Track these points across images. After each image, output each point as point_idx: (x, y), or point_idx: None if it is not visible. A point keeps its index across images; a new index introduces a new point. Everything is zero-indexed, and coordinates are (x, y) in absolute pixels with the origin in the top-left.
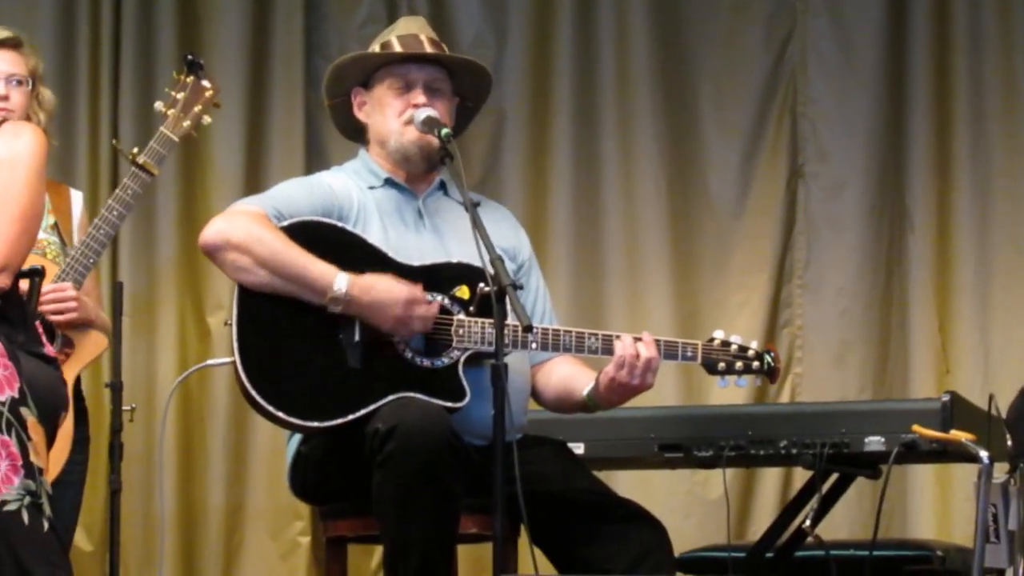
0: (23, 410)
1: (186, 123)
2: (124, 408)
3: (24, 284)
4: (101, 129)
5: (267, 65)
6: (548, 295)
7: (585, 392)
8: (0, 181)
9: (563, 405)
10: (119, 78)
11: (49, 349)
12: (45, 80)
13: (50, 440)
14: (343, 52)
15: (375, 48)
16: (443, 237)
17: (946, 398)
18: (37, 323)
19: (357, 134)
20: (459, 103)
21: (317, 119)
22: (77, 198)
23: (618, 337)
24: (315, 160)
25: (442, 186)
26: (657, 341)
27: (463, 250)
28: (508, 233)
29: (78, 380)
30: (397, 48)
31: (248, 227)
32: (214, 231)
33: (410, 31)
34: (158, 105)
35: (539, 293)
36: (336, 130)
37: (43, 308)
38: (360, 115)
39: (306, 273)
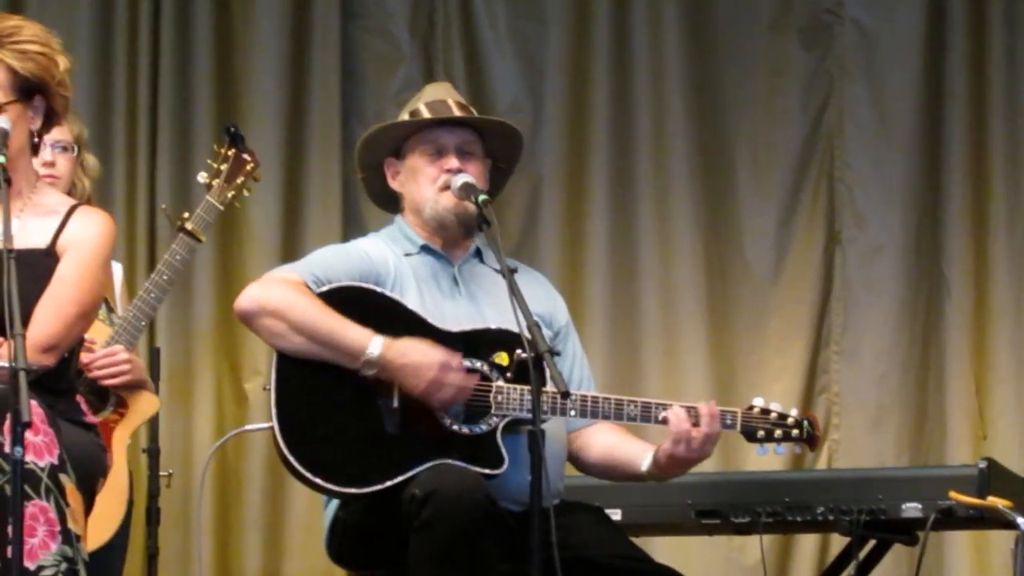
0: (62, 476)
1: (230, 193)
2: (161, 473)
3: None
4: (138, 195)
5: (304, 131)
6: (586, 361)
7: (644, 468)
8: (65, 262)
9: (612, 474)
10: (156, 144)
11: (90, 416)
12: (88, 146)
13: (88, 506)
14: (380, 118)
15: (404, 116)
16: (479, 304)
17: (983, 464)
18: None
19: (392, 204)
20: (492, 165)
21: (354, 185)
22: (117, 270)
23: (668, 407)
24: (352, 226)
25: (477, 253)
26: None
27: (499, 317)
28: (544, 299)
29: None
30: (426, 114)
31: (283, 293)
32: (249, 298)
33: (438, 96)
34: (202, 176)
35: (576, 359)
36: None
37: (97, 374)
38: (394, 184)
39: (341, 337)
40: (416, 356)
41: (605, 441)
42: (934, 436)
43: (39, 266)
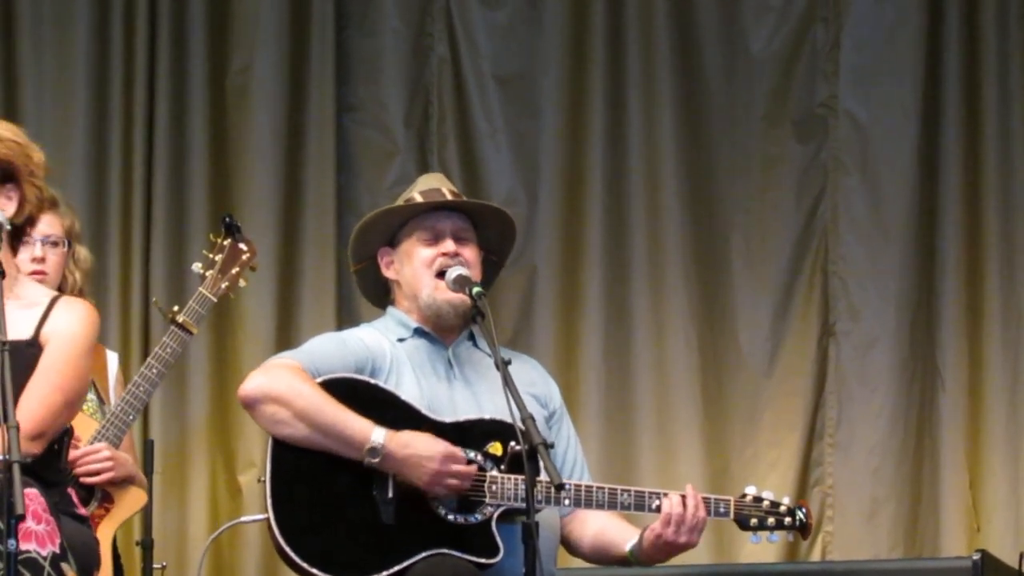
0: (64, 565)
1: (224, 284)
2: (155, 566)
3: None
4: (132, 288)
5: (298, 223)
6: (579, 443)
7: (628, 547)
8: (49, 352)
9: (601, 558)
10: (150, 236)
11: (81, 509)
12: (81, 238)
13: None
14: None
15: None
16: (473, 388)
17: (977, 556)
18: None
19: (383, 299)
20: (484, 256)
21: (348, 277)
22: (112, 359)
23: (665, 495)
24: (346, 318)
25: (471, 336)
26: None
27: (494, 402)
28: (539, 381)
29: (115, 537)
30: (420, 201)
31: (288, 381)
32: (254, 384)
33: (431, 186)
34: (196, 266)
35: (571, 441)
36: None
37: (79, 471)
38: (388, 273)
39: (345, 427)
40: (420, 447)
41: (596, 524)
42: (928, 528)
43: (23, 357)
